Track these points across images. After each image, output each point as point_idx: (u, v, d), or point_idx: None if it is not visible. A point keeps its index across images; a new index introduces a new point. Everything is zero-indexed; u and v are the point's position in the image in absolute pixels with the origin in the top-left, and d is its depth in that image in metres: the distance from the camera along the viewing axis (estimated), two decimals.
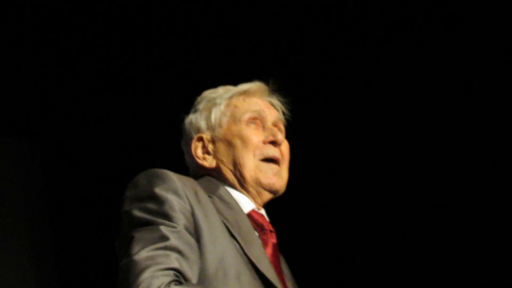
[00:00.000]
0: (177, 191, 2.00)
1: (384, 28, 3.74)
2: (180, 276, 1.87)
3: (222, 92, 2.33)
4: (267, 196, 2.24)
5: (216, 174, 2.25)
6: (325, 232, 3.76)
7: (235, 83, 2.39)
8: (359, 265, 3.78)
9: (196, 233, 1.97)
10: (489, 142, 3.61)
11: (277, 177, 2.24)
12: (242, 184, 2.22)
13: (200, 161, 2.27)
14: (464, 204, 3.62)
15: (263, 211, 2.26)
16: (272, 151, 2.24)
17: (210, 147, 2.26)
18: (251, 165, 2.21)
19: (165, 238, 1.90)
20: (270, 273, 2.03)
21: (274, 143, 2.25)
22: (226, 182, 2.23)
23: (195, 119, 2.32)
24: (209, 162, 2.26)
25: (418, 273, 3.66)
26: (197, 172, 2.29)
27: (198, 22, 3.94)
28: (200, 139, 2.28)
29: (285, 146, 2.29)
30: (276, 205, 2.32)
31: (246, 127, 2.25)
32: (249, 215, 2.19)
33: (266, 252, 2.11)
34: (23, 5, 3.87)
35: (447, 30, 3.65)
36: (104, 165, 4.12)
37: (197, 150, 2.28)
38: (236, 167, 2.21)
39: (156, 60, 4.03)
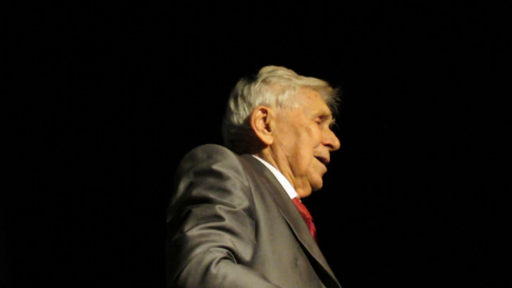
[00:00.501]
0: (237, 169, 1.93)
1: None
2: (232, 255, 1.81)
3: (295, 76, 2.32)
4: (309, 191, 2.27)
5: (267, 153, 2.23)
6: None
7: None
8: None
9: (254, 213, 1.92)
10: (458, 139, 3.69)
11: (321, 178, 2.28)
12: (293, 172, 2.23)
13: (258, 133, 2.22)
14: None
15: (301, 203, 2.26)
16: (327, 153, 2.28)
17: (272, 124, 2.23)
18: (308, 159, 2.22)
19: (221, 218, 1.82)
20: (322, 260, 2.03)
21: (330, 146, 2.29)
22: (274, 164, 2.22)
23: (265, 89, 2.27)
24: (267, 137, 2.22)
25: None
26: (240, 143, 2.26)
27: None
28: (264, 111, 2.24)
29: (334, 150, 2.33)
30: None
31: (313, 122, 2.26)
32: (295, 202, 2.19)
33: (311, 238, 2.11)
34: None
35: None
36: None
37: (258, 120, 2.24)
38: (294, 155, 2.21)
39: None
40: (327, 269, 2.02)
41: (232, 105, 2.30)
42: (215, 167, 1.92)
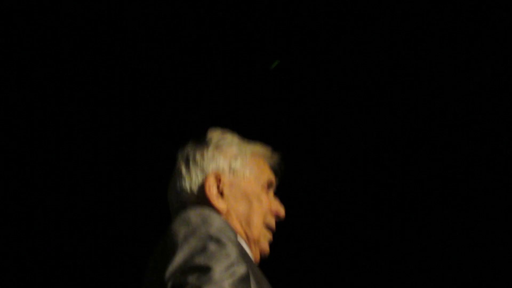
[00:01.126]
0: (229, 233, 1.93)
1: None
2: None
3: (243, 142, 2.31)
4: (258, 258, 2.26)
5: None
6: None
7: None
8: None
9: (249, 278, 1.90)
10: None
11: (268, 248, 2.28)
12: (247, 238, 2.22)
13: (213, 200, 2.19)
14: None
15: None
16: (274, 223, 2.29)
17: (226, 190, 2.21)
18: (259, 227, 2.22)
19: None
20: None
21: (277, 217, 2.29)
22: None
23: (217, 155, 2.25)
24: (221, 204, 2.20)
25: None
26: (191, 204, 2.21)
27: None
28: (217, 177, 2.22)
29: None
30: None
31: (262, 191, 2.26)
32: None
33: None
34: None
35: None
36: None
37: (212, 187, 2.21)
38: (247, 222, 2.21)
39: None
40: None
41: (183, 169, 2.26)
42: (213, 232, 1.89)
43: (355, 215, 4.02)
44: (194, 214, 1.94)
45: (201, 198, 2.20)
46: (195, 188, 2.23)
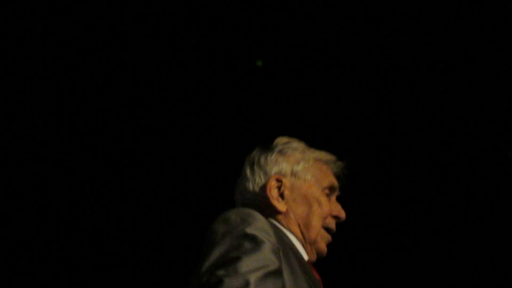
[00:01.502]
0: (269, 232, 2.02)
1: None
2: None
3: (308, 149, 2.43)
4: (314, 258, 2.36)
5: (280, 219, 2.32)
6: None
7: None
8: None
9: (282, 274, 2.00)
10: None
11: (326, 248, 2.38)
12: (304, 238, 2.32)
13: (273, 200, 2.32)
14: None
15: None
16: (334, 225, 2.39)
17: (286, 192, 2.33)
18: (317, 229, 2.32)
19: (254, 286, 1.89)
20: None
21: (337, 218, 2.40)
22: (287, 229, 2.31)
23: (281, 160, 2.37)
24: (281, 205, 2.32)
25: None
26: (253, 205, 2.33)
27: None
28: (279, 180, 2.34)
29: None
30: None
31: (323, 194, 2.37)
32: (309, 265, 2.29)
33: None
34: None
35: None
36: None
37: (273, 189, 2.33)
38: (306, 224, 2.31)
39: None
40: None
41: (248, 171, 2.39)
42: (249, 230, 2.00)
43: None
44: (234, 213, 2.06)
45: (262, 199, 2.33)
46: (257, 189, 2.35)
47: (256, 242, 1.97)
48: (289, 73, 4.04)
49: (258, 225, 2.01)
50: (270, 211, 2.31)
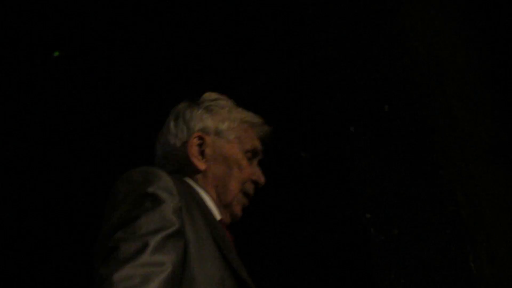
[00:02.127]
0: (171, 190, 1.97)
1: None
2: None
3: (236, 109, 2.35)
4: (228, 221, 2.27)
5: (197, 177, 2.25)
6: None
7: None
8: None
9: (184, 234, 1.95)
10: None
11: (242, 212, 2.30)
12: (219, 200, 2.24)
13: (193, 158, 2.25)
14: None
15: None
16: (252, 190, 2.32)
17: (207, 151, 2.27)
18: (234, 193, 2.25)
19: (148, 252, 1.84)
20: (250, 280, 2.04)
21: (257, 183, 2.32)
22: (203, 188, 2.24)
23: (206, 117, 2.30)
24: (200, 163, 2.25)
25: None
26: (173, 163, 2.28)
27: None
28: (202, 138, 2.27)
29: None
30: None
31: (245, 158, 2.29)
32: (221, 223, 2.22)
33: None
34: None
35: None
36: None
37: (194, 146, 2.26)
38: (223, 186, 2.24)
39: None
40: None
41: (172, 125, 2.31)
42: (151, 189, 1.94)
43: None
44: (137, 172, 2.01)
45: (182, 155, 2.26)
46: (179, 144, 2.28)
47: (156, 202, 1.92)
48: None
49: (161, 184, 1.96)
50: (188, 168, 2.25)
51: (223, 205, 2.24)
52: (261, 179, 2.31)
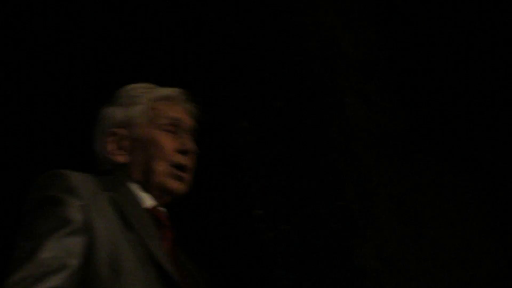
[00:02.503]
0: (73, 190, 1.97)
1: None
2: None
3: (144, 91, 2.31)
4: (168, 199, 2.26)
5: (124, 170, 2.23)
6: None
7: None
8: None
9: (91, 231, 1.95)
10: None
11: (180, 183, 2.25)
12: (147, 185, 2.22)
13: (111, 156, 2.24)
14: None
15: (163, 209, 2.25)
16: (184, 160, 2.25)
17: (124, 143, 2.24)
18: (159, 171, 2.21)
19: (46, 250, 1.86)
20: (167, 265, 2.01)
21: (185, 152, 2.26)
22: (132, 179, 2.22)
23: (117, 111, 2.28)
24: (119, 158, 2.24)
25: None
26: (104, 165, 2.27)
27: None
28: (114, 133, 2.25)
29: (193, 154, 2.31)
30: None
31: (161, 133, 2.25)
32: (149, 211, 2.18)
33: (164, 245, 2.10)
34: None
35: None
36: None
37: (110, 144, 2.25)
38: (147, 170, 2.21)
39: None
40: (171, 274, 2.00)
41: (94, 132, 2.32)
42: (50, 192, 1.96)
43: None
44: (42, 178, 2.02)
45: (104, 155, 2.26)
46: (99, 147, 2.28)
47: (54, 203, 1.94)
48: None
49: (62, 185, 1.97)
50: (117, 168, 2.24)
51: (155, 187, 2.21)
52: (187, 146, 2.25)
